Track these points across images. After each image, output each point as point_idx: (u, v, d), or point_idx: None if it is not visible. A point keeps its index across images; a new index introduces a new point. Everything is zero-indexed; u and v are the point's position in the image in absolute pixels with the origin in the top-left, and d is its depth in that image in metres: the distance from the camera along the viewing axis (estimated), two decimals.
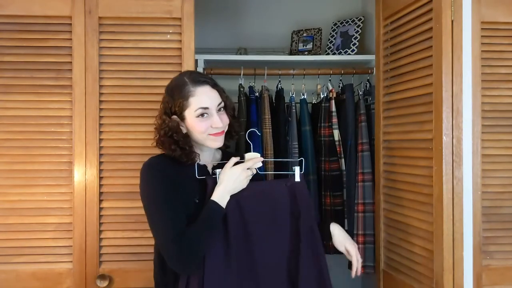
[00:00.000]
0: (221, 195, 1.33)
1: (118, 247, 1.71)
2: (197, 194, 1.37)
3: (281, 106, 2.30)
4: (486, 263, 1.50)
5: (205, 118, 1.35)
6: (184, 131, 1.39)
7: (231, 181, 1.35)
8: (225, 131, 1.42)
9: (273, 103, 2.33)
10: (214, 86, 1.39)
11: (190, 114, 1.35)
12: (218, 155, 1.50)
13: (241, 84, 2.29)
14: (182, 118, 1.37)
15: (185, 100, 1.35)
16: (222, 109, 1.40)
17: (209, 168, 1.45)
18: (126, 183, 1.70)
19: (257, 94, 2.29)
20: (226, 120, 1.40)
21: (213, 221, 1.31)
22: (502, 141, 1.52)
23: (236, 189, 1.36)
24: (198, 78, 1.37)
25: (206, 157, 1.45)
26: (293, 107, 2.27)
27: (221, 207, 1.32)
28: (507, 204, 1.52)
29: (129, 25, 1.72)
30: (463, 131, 1.45)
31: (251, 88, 2.29)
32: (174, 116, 1.37)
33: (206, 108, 1.35)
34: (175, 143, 1.36)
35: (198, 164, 1.39)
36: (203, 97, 1.35)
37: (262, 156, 1.46)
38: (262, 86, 2.29)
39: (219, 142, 1.40)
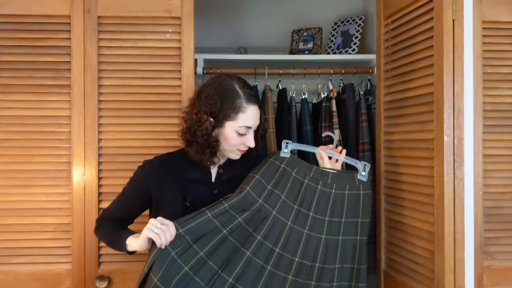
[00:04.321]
0: None
1: None
2: (196, 196, 1.39)
3: (284, 105, 2.29)
4: (488, 263, 1.49)
5: (242, 135, 1.37)
6: (213, 134, 1.37)
7: None
8: None
9: (272, 103, 2.33)
10: (260, 107, 1.41)
11: (231, 126, 1.35)
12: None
13: None
14: (220, 126, 1.36)
15: (234, 112, 1.34)
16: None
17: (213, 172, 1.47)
18: (125, 183, 1.69)
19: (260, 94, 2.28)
20: (255, 140, 1.41)
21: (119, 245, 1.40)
22: (504, 141, 1.51)
23: None
24: (251, 95, 1.38)
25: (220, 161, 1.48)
26: (293, 107, 2.26)
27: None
28: (508, 205, 1.51)
29: (128, 24, 1.71)
30: (464, 131, 1.45)
31: (254, 87, 2.28)
32: (211, 119, 1.35)
33: (249, 128, 1.37)
34: (208, 147, 1.36)
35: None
36: (252, 118, 1.37)
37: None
38: (265, 86, 2.28)
39: (239, 156, 1.43)
